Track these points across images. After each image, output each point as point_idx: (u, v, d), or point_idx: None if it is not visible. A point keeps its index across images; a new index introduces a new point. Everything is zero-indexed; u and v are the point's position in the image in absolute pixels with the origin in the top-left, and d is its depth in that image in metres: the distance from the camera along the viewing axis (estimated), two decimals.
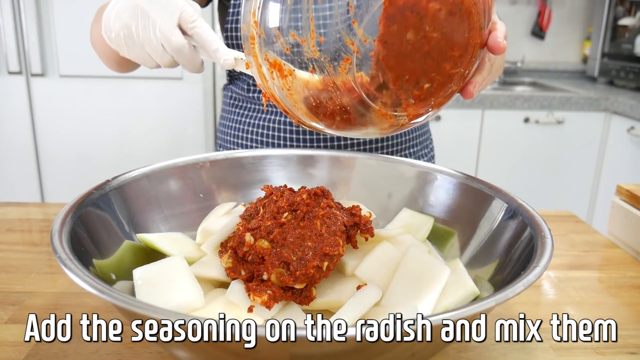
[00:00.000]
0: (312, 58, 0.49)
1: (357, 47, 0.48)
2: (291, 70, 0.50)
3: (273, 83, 0.52)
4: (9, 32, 2.00)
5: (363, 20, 0.47)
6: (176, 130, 2.20)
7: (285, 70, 0.50)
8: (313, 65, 0.49)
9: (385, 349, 0.40)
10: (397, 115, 0.52)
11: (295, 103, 0.53)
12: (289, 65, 0.50)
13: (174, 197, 0.70)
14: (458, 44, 0.48)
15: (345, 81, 0.49)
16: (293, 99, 0.52)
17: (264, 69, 0.52)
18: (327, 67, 0.49)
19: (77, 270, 0.43)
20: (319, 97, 0.51)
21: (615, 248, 0.84)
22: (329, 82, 0.49)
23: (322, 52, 0.48)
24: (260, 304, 0.50)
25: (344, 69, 0.48)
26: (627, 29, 2.49)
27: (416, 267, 0.56)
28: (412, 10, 0.46)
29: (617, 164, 2.28)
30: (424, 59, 0.48)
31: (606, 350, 0.58)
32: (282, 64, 0.50)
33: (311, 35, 0.48)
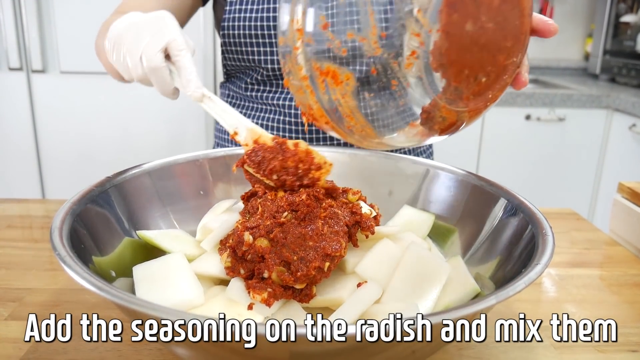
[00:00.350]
0: (374, 56, 0.46)
1: (423, 38, 0.45)
2: (349, 74, 0.47)
3: (322, 94, 0.48)
4: (9, 28, 2.00)
5: (428, 8, 0.44)
6: (177, 127, 2.19)
7: (342, 76, 0.47)
8: (375, 64, 0.46)
9: (386, 347, 0.40)
10: (460, 112, 0.50)
11: (351, 112, 0.49)
12: (346, 69, 0.47)
13: (174, 194, 0.70)
14: (511, 33, 0.47)
15: (409, 77, 0.46)
16: (348, 108, 0.49)
17: (311, 81, 0.48)
18: (391, 64, 0.46)
19: (77, 268, 0.42)
20: (379, 99, 0.48)
21: (617, 246, 0.84)
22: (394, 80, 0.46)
23: (385, 47, 0.45)
24: (260, 301, 0.50)
25: (410, 64, 0.46)
26: (629, 26, 2.48)
27: (417, 265, 0.56)
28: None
29: (618, 162, 2.28)
30: (480, 52, 0.46)
31: (607, 348, 0.58)
32: (336, 70, 0.47)
33: (372, 31, 0.45)
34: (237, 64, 0.96)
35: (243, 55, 0.93)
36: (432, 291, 0.54)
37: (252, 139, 0.59)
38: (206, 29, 2.07)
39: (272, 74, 0.93)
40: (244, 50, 0.92)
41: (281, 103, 0.94)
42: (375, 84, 0.47)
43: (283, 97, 0.94)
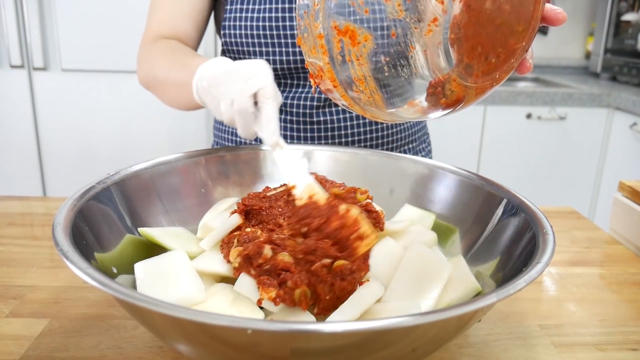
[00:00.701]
0: (395, 19, 0.45)
1: (446, 6, 0.44)
2: (368, 35, 0.46)
3: (336, 54, 0.48)
4: (11, 26, 2.00)
5: None
6: (178, 125, 2.19)
7: (360, 37, 0.46)
8: (396, 27, 0.45)
9: (387, 344, 0.40)
10: (468, 86, 0.50)
11: (364, 76, 0.49)
12: (366, 29, 0.46)
13: (175, 191, 0.70)
14: (524, 18, 0.47)
15: (429, 44, 0.46)
16: (361, 71, 0.48)
17: (327, 40, 0.47)
18: (412, 29, 0.45)
19: (80, 263, 0.43)
20: (394, 64, 0.47)
21: (617, 244, 0.84)
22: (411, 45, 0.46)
23: (408, 11, 0.45)
24: (268, 299, 0.49)
25: (430, 31, 0.45)
26: (630, 24, 2.48)
27: (418, 264, 0.56)
28: None
29: (619, 160, 2.28)
30: (495, 32, 0.46)
31: (607, 346, 0.58)
32: (355, 30, 0.46)
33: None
34: None
35: (244, 56, 0.93)
36: (433, 289, 0.54)
37: (308, 194, 0.59)
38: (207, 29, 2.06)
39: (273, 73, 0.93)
40: (245, 50, 0.92)
41: (284, 102, 0.94)
42: (394, 47, 0.46)
43: (285, 95, 0.94)
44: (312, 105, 0.93)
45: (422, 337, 0.42)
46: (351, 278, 0.51)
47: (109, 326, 0.58)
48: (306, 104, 0.93)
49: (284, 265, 0.51)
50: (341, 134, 0.94)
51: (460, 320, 0.43)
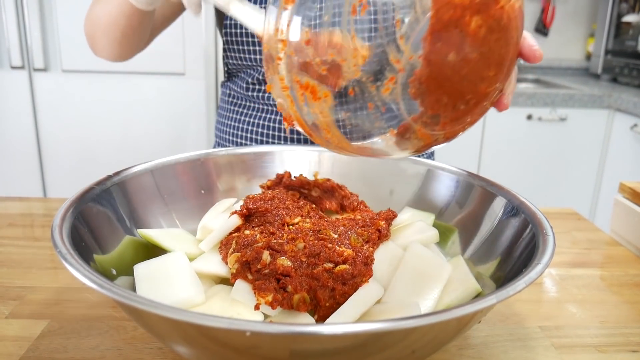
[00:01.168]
0: (353, 79, 0.45)
1: (403, 65, 0.44)
2: (327, 92, 0.46)
3: (301, 105, 0.48)
4: (11, 27, 2.00)
5: (411, 36, 0.43)
6: (178, 126, 2.19)
7: (320, 92, 0.46)
8: (353, 86, 0.45)
9: (386, 346, 0.40)
10: (435, 134, 0.49)
11: (328, 127, 0.49)
12: (325, 87, 0.46)
13: (175, 192, 0.70)
14: (495, 62, 0.46)
15: (386, 102, 0.46)
16: (325, 123, 0.49)
17: (292, 92, 0.48)
18: (369, 88, 0.45)
19: (78, 265, 0.42)
20: (355, 119, 0.47)
21: (618, 246, 0.84)
22: (370, 103, 0.46)
23: (364, 71, 0.45)
24: (265, 303, 0.49)
25: (388, 89, 0.45)
26: (631, 25, 2.48)
27: (418, 264, 0.56)
28: (456, 26, 0.43)
29: (620, 162, 2.27)
30: (461, 81, 0.45)
31: (608, 348, 0.58)
32: (315, 86, 0.46)
33: (353, 53, 0.44)
34: (239, 62, 0.96)
35: (244, 54, 0.93)
36: (433, 290, 0.54)
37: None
38: (207, 28, 2.07)
39: None
40: (246, 49, 0.92)
41: None
42: (352, 104, 0.46)
43: None
44: None
45: (422, 339, 0.42)
46: (353, 282, 0.51)
47: (108, 327, 0.58)
48: None
49: (283, 270, 0.51)
50: None
51: (460, 322, 0.43)
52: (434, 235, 0.64)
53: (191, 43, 2.10)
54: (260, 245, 0.54)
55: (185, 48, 2.10)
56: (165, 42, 2.08)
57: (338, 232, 0.59)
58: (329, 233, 0.58)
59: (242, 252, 0.54)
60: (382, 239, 0.60)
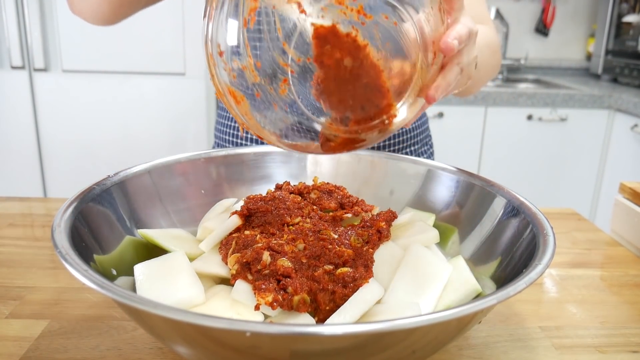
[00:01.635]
0: (254, 82, 0.49)
1: (292, 67, 0.48)
2: (242, 96, 0.50)
3: (236, 108, 0.52)
4: (11, 27, 2.00)
5: (292, 41, 0.47)
6: (179, 126, 2.19)
7: (238, 97, 0.50)
8: (257, 89, 0.49)
9: (386, 346, 0.40)
10: (351, 130, 0.52)
11: (257, 129, 0.52)
12: (239, 91, 0.50)
13: (175, 192, 0.70)
14: (378, 88, 0.49)
15: (287, 102, 0.49)
16: (253, 125, 0.52)
17: (226, 97, 0.51)
18: (269, 90, 0.49)
19: (78, 265, 0.42)
20: (268, 119, 0.51)
21: (618, 246, 0.84)
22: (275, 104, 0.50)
23: (261, 75, 0.48)
24: (265, 304, 0.49)
25: (284, 90, 0.48)
26: (631, 26, 2.48)
27: (418, 265, 0.56)
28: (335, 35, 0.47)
29: (620, 162, 2.27)
30: (364, 88, 0.48)
31: (608, 348, 0.58)
32: (234, 91, 0.50)
33: (249, 60, 0.48)
34: None
35: None
36: (433, 291, 0.54)
37: None
38: None
39: None
40: None
41: None
42: (263, 104, 0.50)
43: None
44: None
45: (422, 339, 0.42)
46: (354, 285, 0.51)
47: (108, 327, 0.58)
48: None
49: (284, 271, 0.51)
50: None
51: (461, 322, 0.43)
52: (434, 236, 0.64)
53: (191, 43, 2.10)
54: (261, 246, 0.54)
55: (185, 48, 2.10)
56: (166, 42, 2.09)
57: (338, 232, 0.59)
58: (329, 233, 0.58)
59: (242, 252, 0.54)
60: (383, 240, 0.60)
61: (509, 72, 2.91)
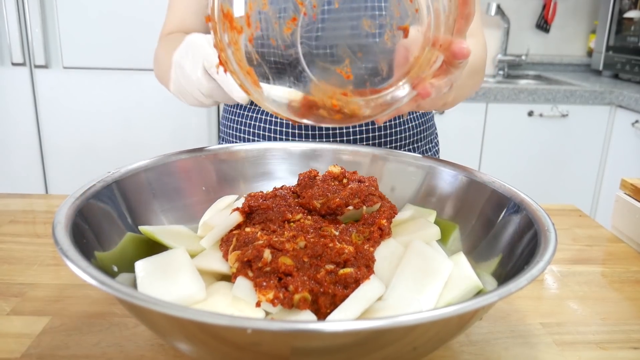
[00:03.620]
0: (261, 10, 0.47)
1: (306, 8, 0.46)
2: (240, 27, 0.48)
3: (223, 36, 0.49)
4: (12, 24, 2.00)
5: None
6: (179, 122, 2.19)
7: (235, 22, 0.48)
8: (260, 18, 0.47)
9: (387, 343, 0.40)
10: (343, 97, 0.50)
11: (239, 61, 0.50)
12: (240, 20, 0.48)
13: (176, 189, 0.70)
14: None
15: (286, 42, 0.48)
16: (237, 57, 0.49)
17: (218, 24, 0.48)
18: (273, 23, 0.47)
19: (79, 262, 0.43)
20: (263, 55, 0.48)
21: (619, 242, 0.84)
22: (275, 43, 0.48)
23: (272, 5, 0.47)
24: (266, 301, 0.49)
25: (289, 29, 0.47)
26: (632, 21, 2.48)
27: (419, 261, 0.56)
28: None
29: (621, 158, 2.27)
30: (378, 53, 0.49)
31: (609, 345, 0.58)
32: (233, 17, 0.48)
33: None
34: None
35: None
36: (434, 288, 0.54)
37: None
38: None
39: None
40: None
41: None
42: (258, 36, 0.48)
43: None
44: None
45: (423, 336, 0.42)
46: (355, 286, 0.51)
47: (110, 324, 0.58)
48: None
49: (285, 269, 0.50)
50: (343, 131, 0.94)
51: (462, 319, 0.43)
52: (435, 232, 0.64)
53: None
54: (261, 243, 0.53)
55: None
56: None
57: (339, 229, 0.59)
58: (330, 230, 0.58)
59: (243, 250, 0.54)
60: (384, 237, 0.60)
61: (510, 69, 2.91)
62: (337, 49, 0.49)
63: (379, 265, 0.56)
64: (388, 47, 0.50)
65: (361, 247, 0.56)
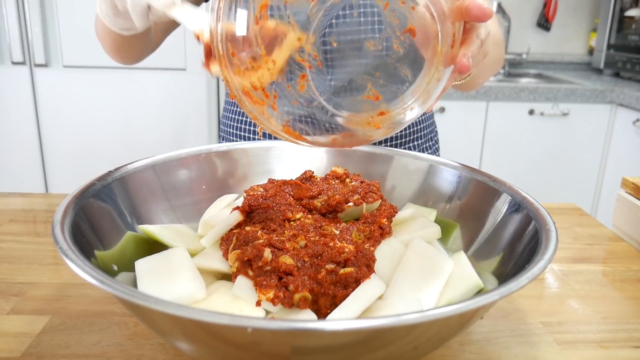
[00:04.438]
0: (272, 81, 0.48)
1: (309, 62, 0.47)
2: (262, 100, 0.49)
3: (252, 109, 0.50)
4: (12, 23, 2.00)
5: (309, 38, 0.46)
6: (179, 121, 2.19)
7: (255, 97, 0.49)
8: (275, 89, 0.48)
9: (388, 342, 0.40)
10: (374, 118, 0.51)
11: (274, 126, 0.51)
12: (258, 94, 0.49)
13: (176, 188, 0.70)
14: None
15: (306, 98, 0.49)
16: (272, 124, 0.50)
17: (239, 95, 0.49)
18: (287, 88, 0.48)
19: (79, 261, 0.42)
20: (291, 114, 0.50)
21: (620, 241, 0.84)
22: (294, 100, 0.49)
23: (280, 73, 0.47)
24: (266, 300, 0.49)
25: (302, 87, 0.48)
26: (633, 20, 2.47)
27: (420, 260, 0.56)
28: None
29: (622, 157, 2.27)
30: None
31: (610, 344, 0.58)
32: (251, 93, 0.48)
33: (264, 59, 0.46)
34: None
35: None
36: (435, 286, 0.54)
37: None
38: None
39: None
40: None
41: None
42: (280, 102, 0.49)
43: None
44: None
45: (424, 335, 0.42)
46: (356, 286, 0.51)
47: (110, 323, 0.58)
48: None
49: (286, 268, 0.50)
50: None
51: (462, 318, 0.43)
52: (436, 231, 0.64)
53: (192, 38, 2.09)
54: (262, 243, 0.53)
55: (186, 43, 2.10)
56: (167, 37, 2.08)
57: (340, 228, 0.59)
58: (330, 229, 0.58)
59: (243, 249, 0.54)
60: (384, 236, 0.60)
61: (511, 67, 2.91)
62: (356, 81, 0.50)
63: (379, 264, 0.56)
64: (402, 53, 0.50)
65: (361, 246, 0.56)
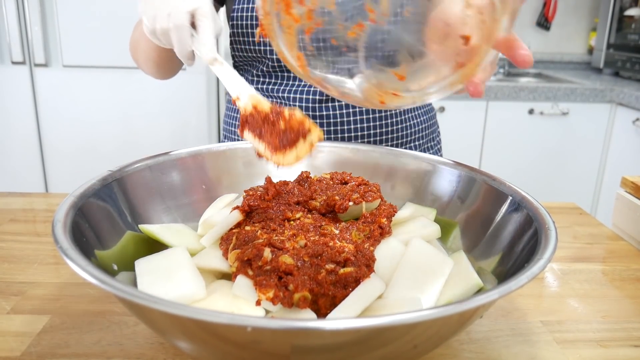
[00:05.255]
0: (326, 8, 0.45)
1: (376, 17, 0.45)
2: (299, 17, 0.47)
3: (274, 14, 0.48)
4: (12, 22, 2.00)
5: None
6: (179, 121, 2.19)
7: (293, 10, 0.47)
8: (324, 16, 0.46)
9: (388, 341, 0.40)
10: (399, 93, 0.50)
11: (290, 44, 0.49)
12: (299, 8, 0.46)
13: (176, 188, 0.70)
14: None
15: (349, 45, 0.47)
16: (289, 41, 0.49)
17: (270, 6, 0.48)
18: (337, 25, 0.46)
19: (79, 261, 0.42)
20: (319, 49, 0.48)
21: (620, 240, 0.84)
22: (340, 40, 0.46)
23: (339, 5, 0.45)
24: (266, 299, 0.49)
25: (353, 33, 0.46)
26: (633, 19, 2.47)
27: (419, 260, 0.56)
28: None
29: (622, 156, 2.27)
30: None
31: (609, 343, 0.58)
32: (290, 2, 0.46)
33: None
34: (245, 54, 0.96)
35: (250, 46, 0.94)
36: (434, 286, 0.54)
37: (252, 105, 0.61)
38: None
39: (277, 64, 0.94)
40: (251, 40, 0.93)
41: (286, 95, 0.94)
42: (319, 30, 0.47)
43: (288, 89, 0.94)
44: (315, 100, 0.93)
45: (424, 334, 0.42)
46: (355, 286, 0.51)
47: (110, 322, 0.58)
48: (309, 97, 0.93)
49: (285, 268, 0.50)
50: (344, 128, 0.94)
51: (462, 317, 0.43)
52: (436, 231, 0.64)
53: None
54: (261, 242, 0.53)
55: None
56: None
57: (339, 227, 0.59)
58: (330, 228, 0.58)
59: (243, 248, 0.54)
60: (384, 236, 0.60)
61: (511, 66, 2.90)
62: (397, 55, 0.49)
63: (379, 264, 0.56)
64: (447, 53, 0.48)
65: (361, 246, 0.56)
